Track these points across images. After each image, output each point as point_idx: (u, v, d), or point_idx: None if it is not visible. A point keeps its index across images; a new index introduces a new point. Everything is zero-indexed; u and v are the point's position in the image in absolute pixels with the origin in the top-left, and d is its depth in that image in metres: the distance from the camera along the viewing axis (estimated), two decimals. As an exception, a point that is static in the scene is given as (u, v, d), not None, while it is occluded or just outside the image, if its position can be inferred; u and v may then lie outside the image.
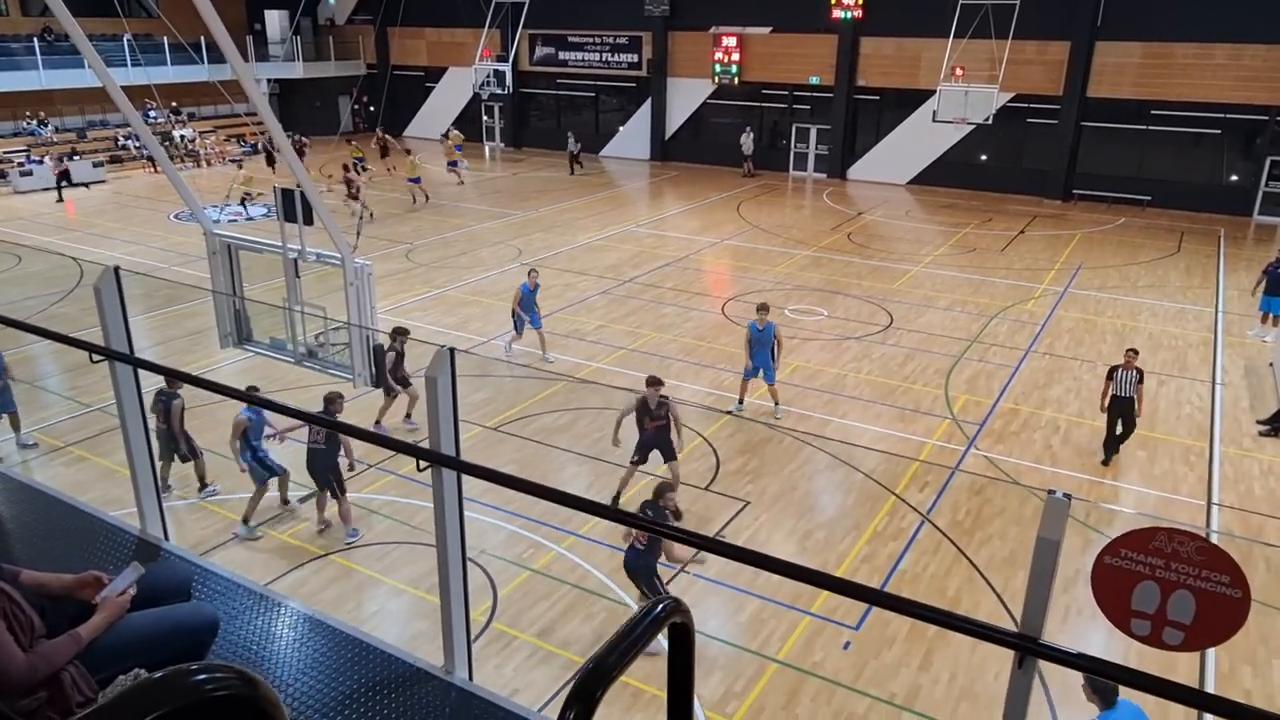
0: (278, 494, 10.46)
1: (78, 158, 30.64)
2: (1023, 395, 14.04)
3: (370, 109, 40.55)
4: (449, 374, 3.33)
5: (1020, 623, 2.60)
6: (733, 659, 8.23)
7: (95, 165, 30.64)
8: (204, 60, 32.81)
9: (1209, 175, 27.25)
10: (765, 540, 10.03)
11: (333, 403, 9.78)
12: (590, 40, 35.90)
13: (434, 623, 3.75)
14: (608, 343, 15.96)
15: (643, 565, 8.26)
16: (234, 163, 32.23)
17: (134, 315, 4.49)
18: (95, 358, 4.22)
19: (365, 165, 28.39)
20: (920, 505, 10.84)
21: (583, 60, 36.45)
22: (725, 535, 9.97)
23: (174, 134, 33.64)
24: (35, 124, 32.24)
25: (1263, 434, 12.81)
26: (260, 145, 33.41)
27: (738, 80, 32.91)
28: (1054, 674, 7.68)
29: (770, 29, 32.06)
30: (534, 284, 14.81)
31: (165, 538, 4.45)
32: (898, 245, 23.45)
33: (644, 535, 8.20)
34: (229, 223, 23.77)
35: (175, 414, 10.27)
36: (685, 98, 34.76)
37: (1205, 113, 26.36)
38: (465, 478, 3.48)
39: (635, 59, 35.16)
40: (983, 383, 14.51)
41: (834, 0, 29.94)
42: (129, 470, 4.44)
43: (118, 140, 33.29)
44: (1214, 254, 22.79)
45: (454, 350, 3.36)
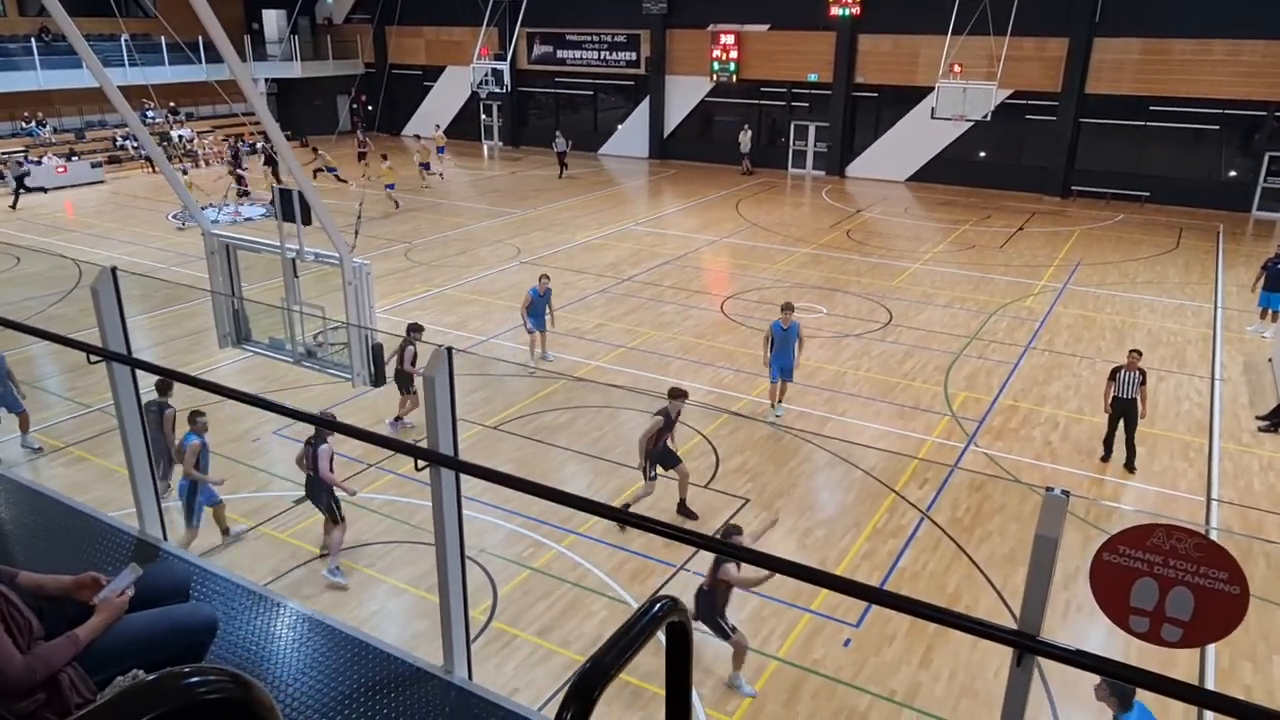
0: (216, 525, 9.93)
1: (77, 158, 30.64)
2: (1022, 392, 14.04)
3: (369, 108, 40.54)
4: (447, 373, 3.32)
5: (1019, 620, 2.60)
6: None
7: (94, 166, 30.64)
8: (201, 60, 32.67)
9: (1208, 171, 27.24)
10: (765, 538, 10.01)
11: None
12: (588, 38, 35.86)
13: (433, 622, 3.74)
14: (607, 341, 15.95)
15: (703, 606, 7.78)
16: (233, 162, 32.16)
17: (133, 316, 4.49)
18: (93, 358, 4.21)
19: (339, 174, 28.24)
20: (920, 502, 10.85)
21: (581, 58, 36.40)
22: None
23: (172, 134, 33.62)
24: (34, 125, 32.23)
25: (1262, 429, 12.81)
26: (260, 147, 33.33)
27: (736, 78, 32.89)
28: (1054, 671, 7.68)
29: (768, 26, 32.03)
30: (544, 289, 14.50)
31: (164, 538, 4.44)
32: (897, 242, 23.45)
33: (709, 577, 7.81)
34: (245, 222, 23.86)
35: (167, 423, 10.00)
36: (684, 96, 34.73)
37: (1204, 108, 26.35)
38: (464, 476, 3.48)
39: (633, 57, 35.12)
40: (982, 379, 14.51)
41: (832, -3, 29.97)
42: (127, 471, 4.43)
43: (115, 140, 33.29)
44: (1213, 250, 22.78)
45: (452, 350, 3.35)
